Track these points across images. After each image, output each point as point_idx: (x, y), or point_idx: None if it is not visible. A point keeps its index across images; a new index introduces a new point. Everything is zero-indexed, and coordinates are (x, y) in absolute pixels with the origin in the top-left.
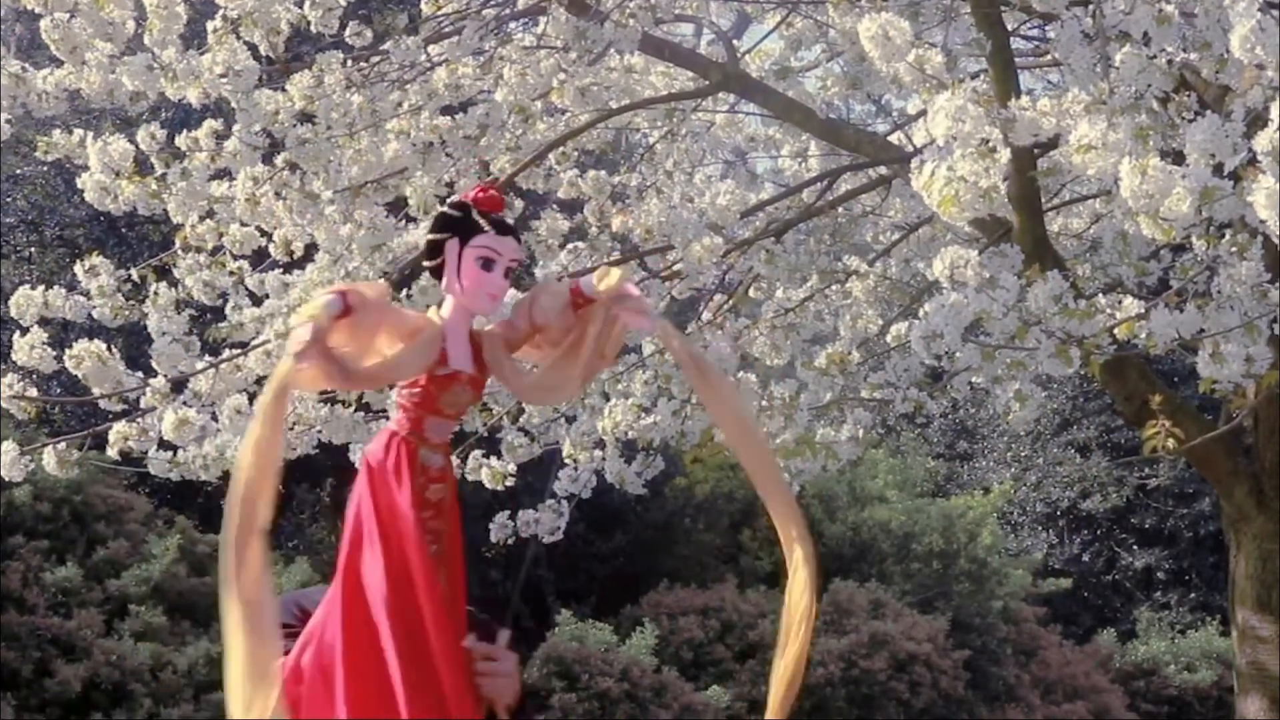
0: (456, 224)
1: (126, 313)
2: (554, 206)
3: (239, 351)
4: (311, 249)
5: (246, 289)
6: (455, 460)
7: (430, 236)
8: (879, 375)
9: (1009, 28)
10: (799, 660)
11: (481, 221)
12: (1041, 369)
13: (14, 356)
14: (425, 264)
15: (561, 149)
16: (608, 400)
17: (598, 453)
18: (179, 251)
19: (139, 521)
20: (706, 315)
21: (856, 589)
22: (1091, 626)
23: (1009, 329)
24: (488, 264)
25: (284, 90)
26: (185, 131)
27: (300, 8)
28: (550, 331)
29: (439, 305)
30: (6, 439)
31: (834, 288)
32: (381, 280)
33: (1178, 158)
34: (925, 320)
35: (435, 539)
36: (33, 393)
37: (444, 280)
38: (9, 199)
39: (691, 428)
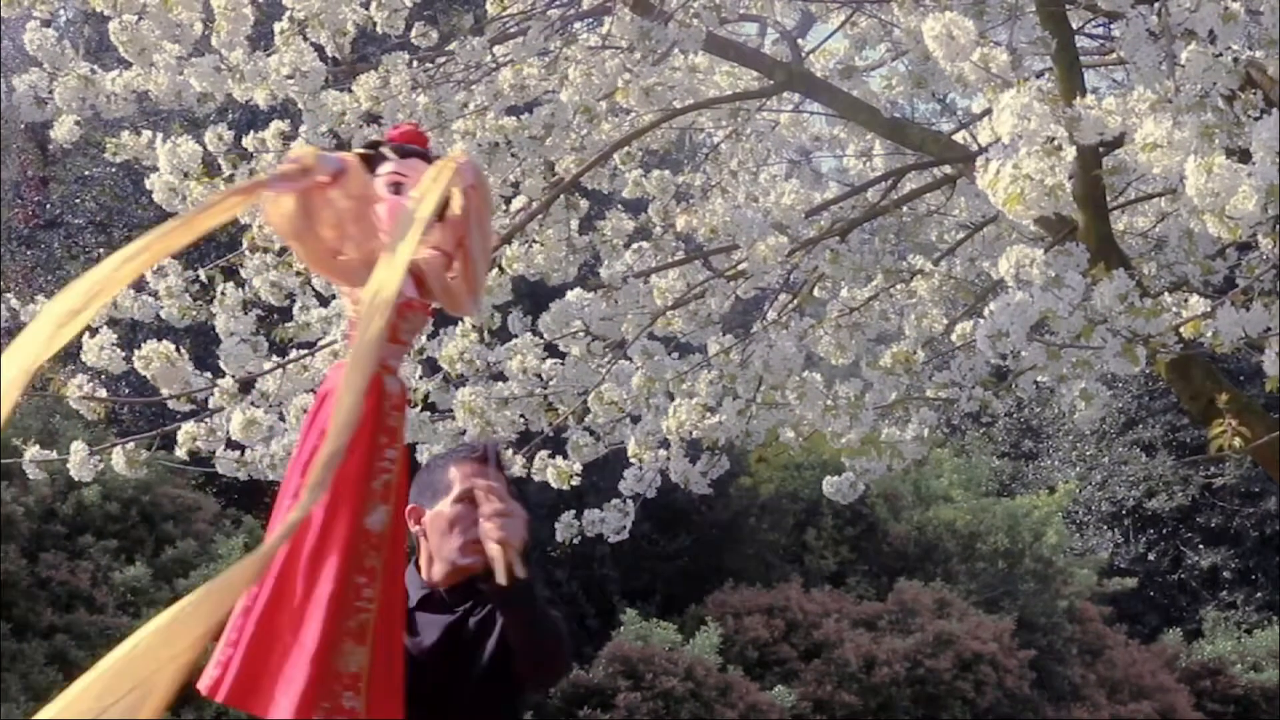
0: (367, 161)
1: (194, 313)
2: (619, 206)
3: (306, 351)
4: None
5: (313, 289)
6: (520, 460)
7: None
8: (944, 374)
9: (1074, 26)
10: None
11: (385, 151)
12: (1107, 368)
13: (83, 357)
14: None
15: (626, 149)
16: (672, 400)
17: (662, 452)
18: (246, 252)
19: (207, 521)
20: (771, 315)
21: (922, 589)
22: (1157, 626)
23: (1074, 328)
24: (397, 188)
25: (350, 91)
26: (252, 132)
27: (366, 9)
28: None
29: None
30: (76, 439)
31: (899, 287)
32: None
33: (1243, 156)
34: (990, 319)
35: (389, 467)
36: (102, 393)
37: None
38: (78, 200)
39: (756, 427)
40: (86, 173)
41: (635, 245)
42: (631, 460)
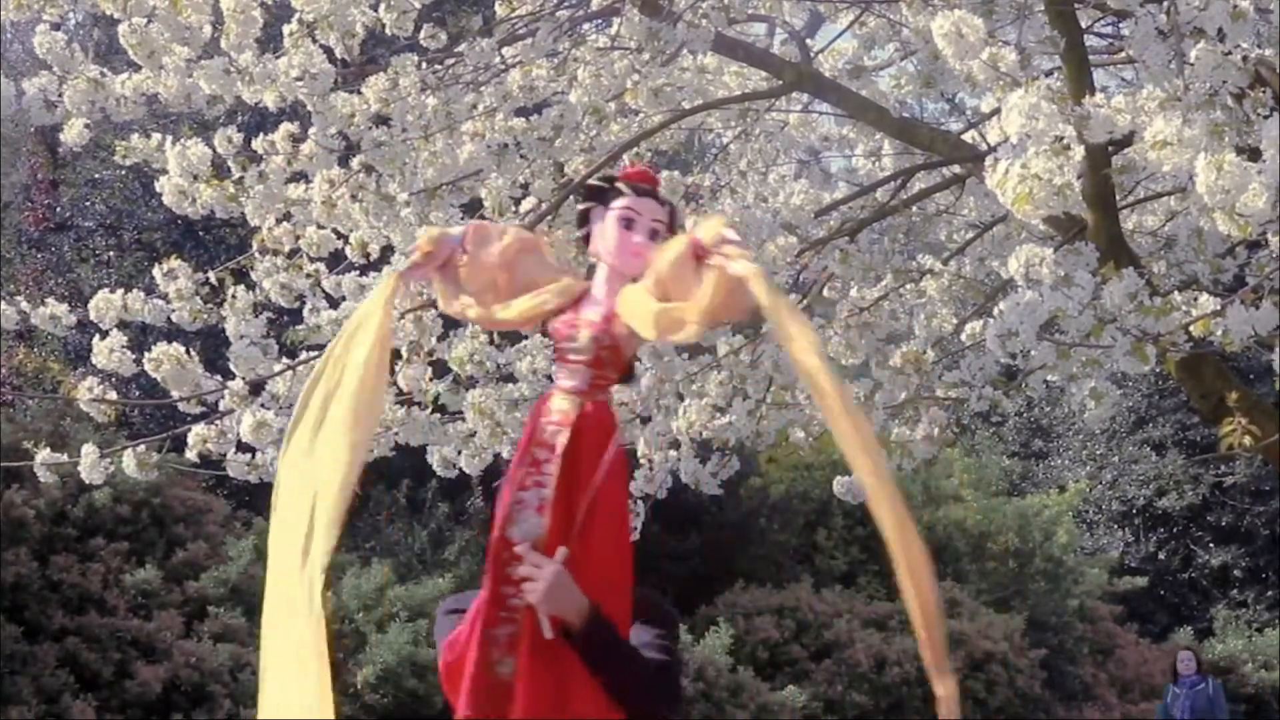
0: (600, 193)
1: (205, 316)
2: None
3: (316, 354)
4: (387, 251)
5: (323, 291)
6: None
7: (579, 206)
8: (954, 374)
9: (1083, 25)
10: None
11: (622, 186)
12: (1117, 366)
13: (94, 360)
14: (575, 235)
15: (635, 150)
16: (682, 401)
17: (673, 453)
18: (256, 254)
19: (217, 523)
20: None
21: None
22: (1168, 625)
23: (1084, 327)
24: (629, 224)
25: (359, 93)
26: (262, 135)
27: (375, 11)
28: (677, 291)
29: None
30: (87, 442)
31: (908, 287)
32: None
33: (1253, 154)
34: (1000, 318)
35: (544, 481)
36: (112, 396)
37: (589, 246)
38: (88, 203)
39: (766, 428)
40: (96, 176)
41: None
42: (642, 461)
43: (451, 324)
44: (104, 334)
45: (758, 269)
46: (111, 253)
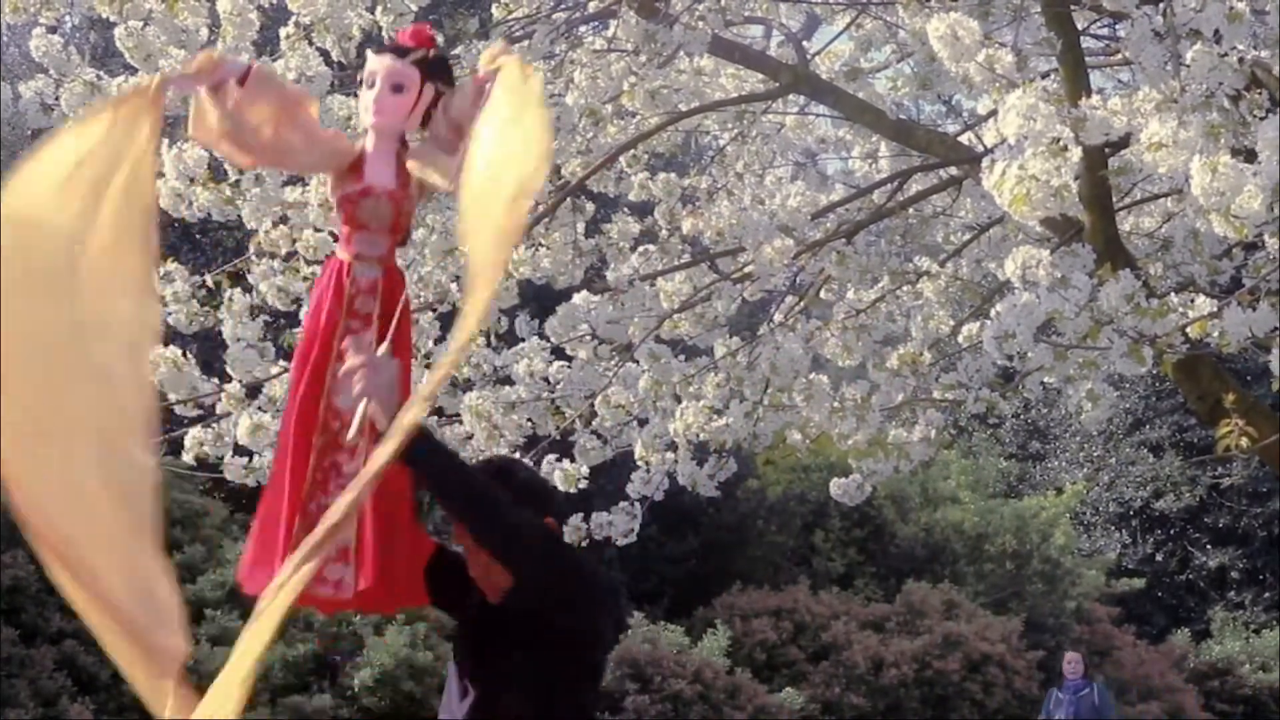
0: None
1: (201, 318)
2: (625, 209)
3: None
4: None
5: None
6: (528, 461)
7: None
8: (951, 376)
9: (1079, 26)
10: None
11: (369, 53)
12: (1114, 368)
13: None
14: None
15: (632, 152)
16: (679, 403)
17: (670, 455)
18: (253, 257)
19: (214, 527)
20: (778, 317)
21: (930, 590)
22: (1165, 626)
23: (1081, 329)
24: (371, 84)
25: (356, 95)
26: None
27: (372, 13)
28: (467, 124)
29: None
30: None
31: (905, 289)
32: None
33: (1249, 155)
34: (997, 320)
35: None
36: None
37: None
38: None
39: (763, 429)
40: None
41: (641, 248)
42: (639, 463)
43: (448, 327)
44: None
45: (516, 58)
46: None
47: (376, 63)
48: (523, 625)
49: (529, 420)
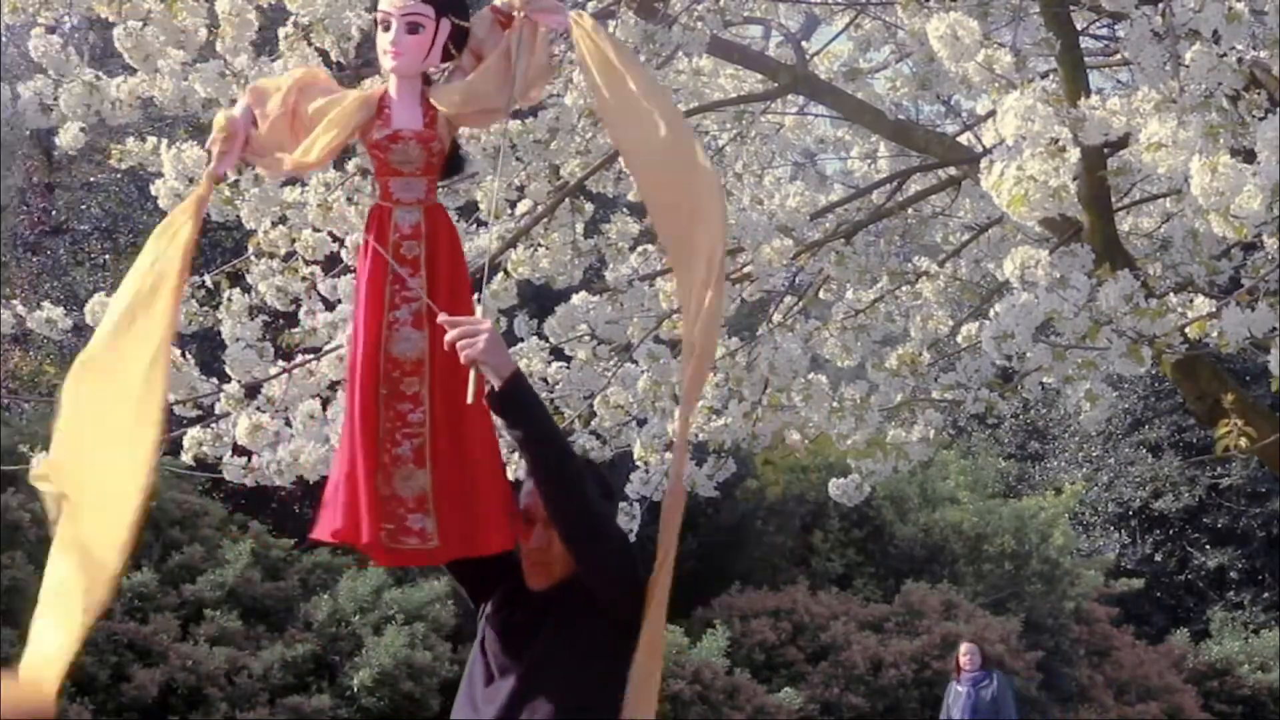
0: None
1: (200, 319)
2: (624, 210)
3: (312, 357)
4: None
5: (319, 294)
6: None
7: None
8: (950, 376)
9: (1078, 27)
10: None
11: None
12: (1113, 369)
13: None
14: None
15: None
16: (678, 403)
17: (668, 455)
18: (252, 257)
19: (213, 527)
20: (777, 317)
21: (928, 590)
22: (1164, 627)
23: (1080, 329)
24: (385, 26)
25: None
26: None
27: (371, 13)
28: (485, 53)
29: None
30: None
31: (904, 289)
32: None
33: (1248, 155)
34: (996, 320)
35: (412, 296)
36: None
37: None
38: (84, 207)
39: (763, 430)
40: (92, 179)
41: (640, 248)
42: (638, 463)
43: None
44: None
45: (576, 15)
46: (107, 256)
47: (389, 4)
48: (568, 614)
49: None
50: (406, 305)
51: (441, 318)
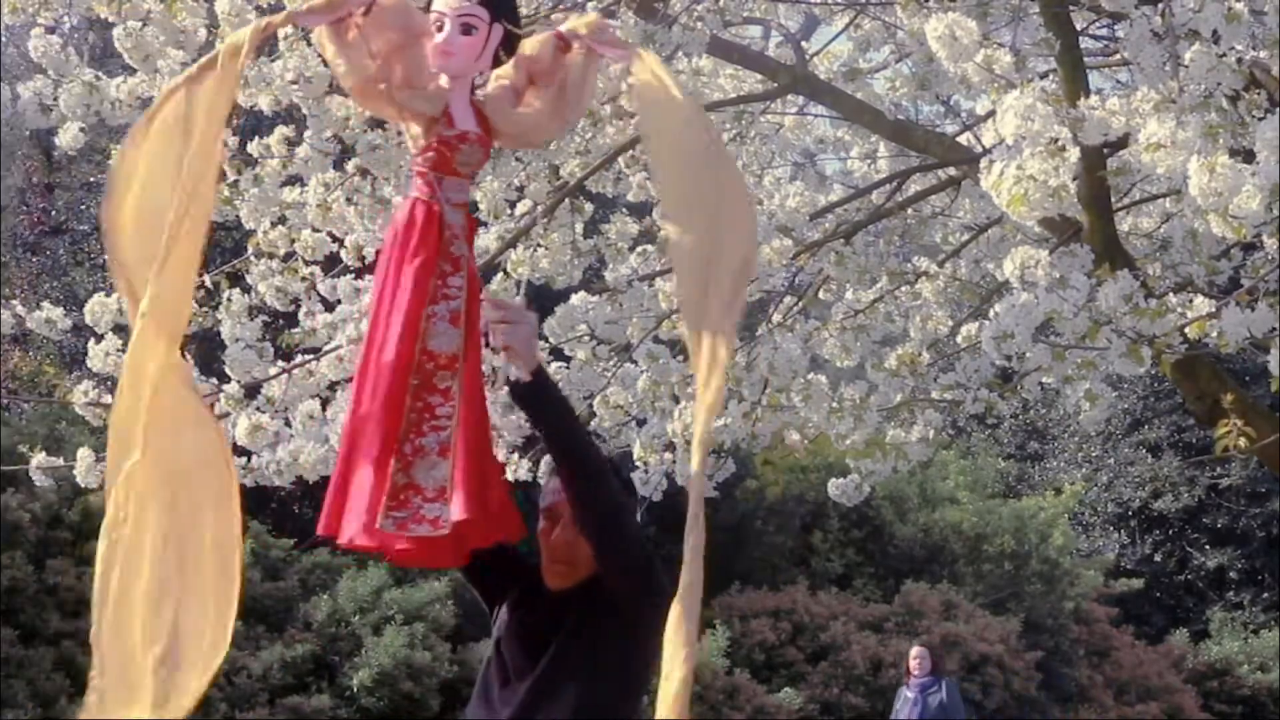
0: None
1: (200, 319)
2: (623, 210)
3: (312, 357)
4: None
5: (319, 295)
6: (526, 464)
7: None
8: (949, 376)
9: (1078, 27)
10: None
11: None
12: (1112, 369)
13: (89, 363)
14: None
15: (630, 152)
16: (678, 403)
17: (668, 455)
18: (251, 258)
19: None
20: (776, 317)
21: (928, 590)
22: (1164, 627)
23: (1079, 329)
24: (439, 27)
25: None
26: (257, 138)
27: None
28: (542, 78)
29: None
30: (82, 445)
31: (904, 289)
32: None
33: (1247, 156)
34: (996, 321)
35: (455, 294)
36: (108, 399)
37: None
38: (83, 207)
39: (762, 430)
40: (91, 179)
41: (640, 248)
42: (637, 464)
43: None
44: (99, 338)
45: (637, 47)
46: (107, 256)
47: (444, 4)
48: (586, 615)
49: (528, 421)
50: (446, 302)
51: (486, 298)
